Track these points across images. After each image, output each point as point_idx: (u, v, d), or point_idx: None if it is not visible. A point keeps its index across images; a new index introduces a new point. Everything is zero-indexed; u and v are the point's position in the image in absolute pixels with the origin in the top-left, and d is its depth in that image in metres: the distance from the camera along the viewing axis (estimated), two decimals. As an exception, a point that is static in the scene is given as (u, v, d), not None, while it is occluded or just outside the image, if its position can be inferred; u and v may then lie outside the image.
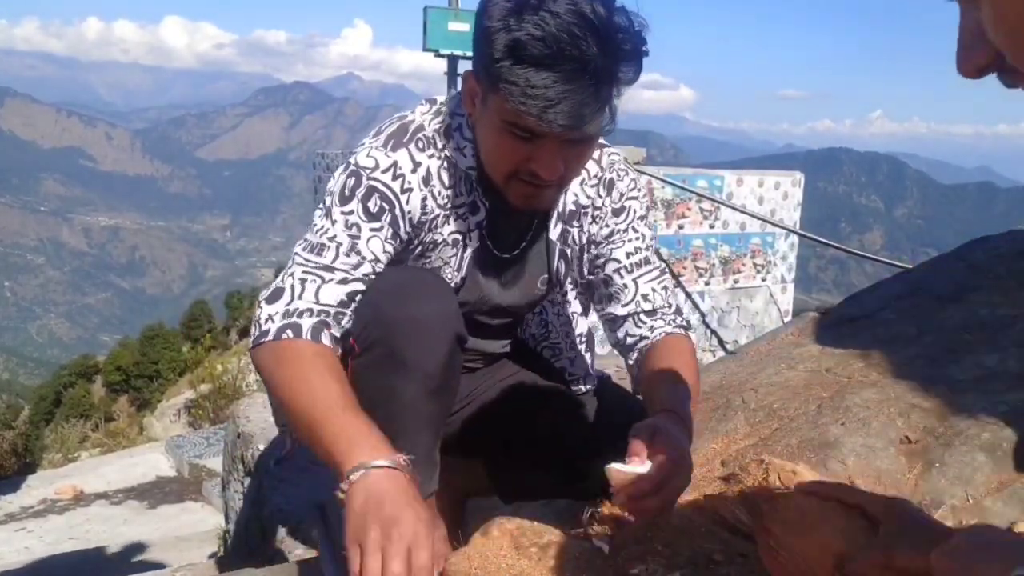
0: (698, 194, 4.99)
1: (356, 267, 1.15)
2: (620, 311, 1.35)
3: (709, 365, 2.56)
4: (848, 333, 2.06)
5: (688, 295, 5.16)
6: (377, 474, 0.93)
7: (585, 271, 1.38)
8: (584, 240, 1.34)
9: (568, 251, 1.35)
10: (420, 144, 1.22)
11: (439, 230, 1.24)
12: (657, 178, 4.86)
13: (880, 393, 1.65)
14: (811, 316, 2.34)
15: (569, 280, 1.41)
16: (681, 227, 5.04)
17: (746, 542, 1.06)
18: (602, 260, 1.35)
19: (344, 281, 1.14)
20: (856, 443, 1.49)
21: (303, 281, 1.13)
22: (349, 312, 1.15)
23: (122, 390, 31.52)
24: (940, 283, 2.15)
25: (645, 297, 1.34)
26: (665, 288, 1.37)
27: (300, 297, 1.11)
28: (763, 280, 5.48)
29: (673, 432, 1.06)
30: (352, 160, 1.21)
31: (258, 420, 2.44)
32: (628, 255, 1.34)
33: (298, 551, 1.69)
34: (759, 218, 5.24)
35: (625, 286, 1.34)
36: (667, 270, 1.37)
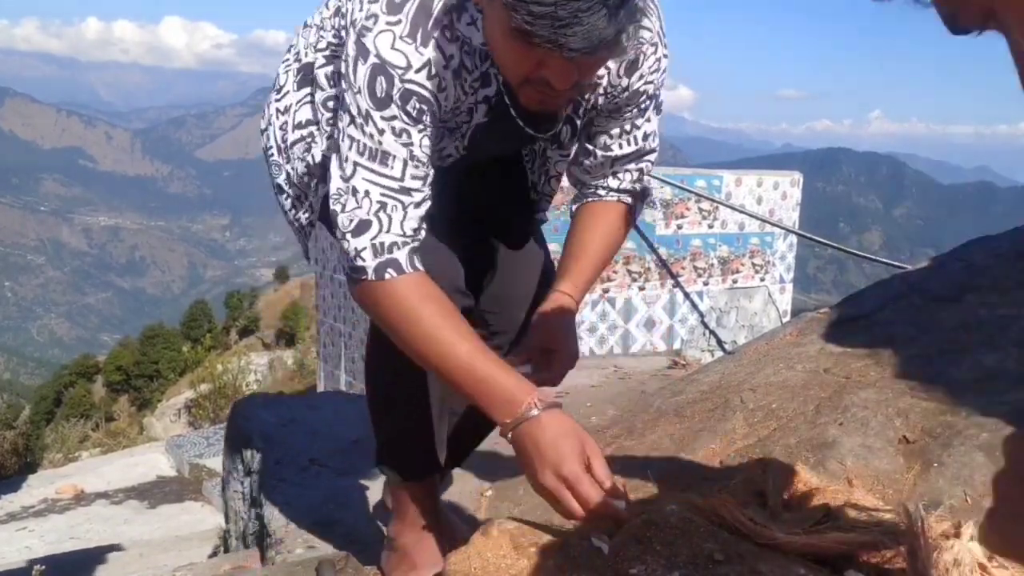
0: (697, 194, 4.99)
1: (424, 181, 1.13)
2: (588, 179, 1.38)
3: (708, 365, 2.57)
4: (847, 333, 2.06)
5: (687, 295, 5.17)
6: (537, 421, 1.04)
7: (581, 136, 1.37)
8: (589, 105, 1.31)
9: (575, 118, 1.33)
10: (447, 32, 1.12)
11: (456, 106, 1.22)
12: (656, 178, 4.87)
13: (879, 393, 1.66)
14: (810, 316, 2.35)
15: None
16: (680, 227, 5.04)
17: (746, 542, 1.06)
18: (597, 130, 1.34)
19: (420, 204, 1.13)
20: (855, 443, 1.49)
21: (383, 206, 1.10)
22: (424, 232, 1.16)
23: (122, 390, 31.54)
24: (939, 283, 2.16)
25: (616, 175, 1.36)
26: (640, 170, 1.37)
27: (388, 230, 1.10)
28: (762, 280, 5.48)
29: (554, 327, 1.26)
30: (372, 46, 1.09)
31: (258, 420, 2.44)
32: (624, 133, 1.33)
33: (298, 551, 1.69)
34: (758, 218, 5.25)
35: (605, 162, 1.35)
36: (653, 153, 1.37)
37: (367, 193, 1.10)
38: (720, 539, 1.05)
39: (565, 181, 1.48)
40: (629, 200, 1.38)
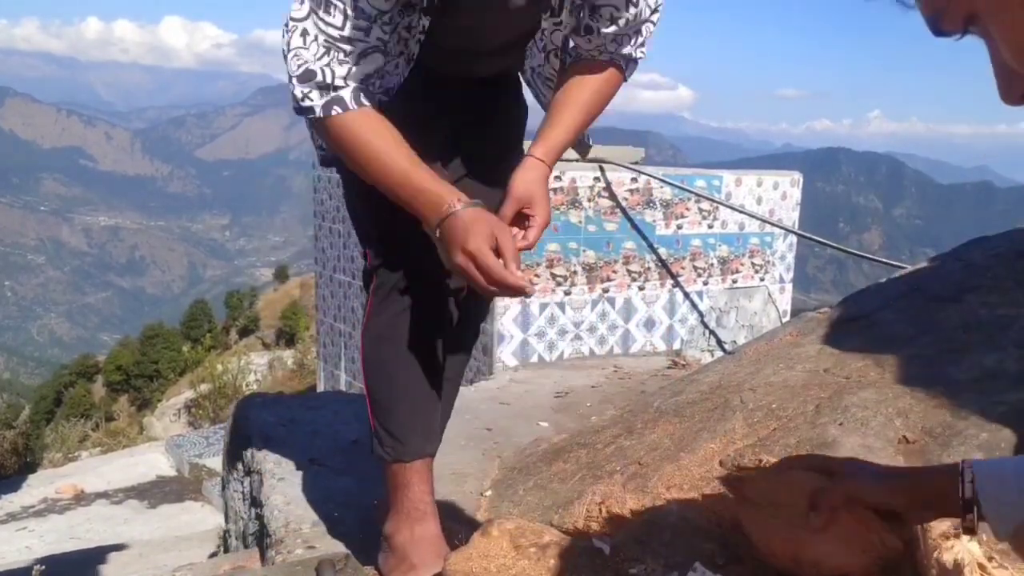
0: (697, 194, 4.99)
1: (367, 33, 1.21)
2: (581, 46, 1.38)
3: (708, 365, 2.57)
4: (846, 333, 2.06)
5: (687, 295, 5.17)
6: (456, 214, 1.17)
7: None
8: None
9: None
10: None
11: None
12: (656, 178, 4.86)
13: (878, 393, 1.66)
14: (809, 316, 2.35)
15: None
16: (680, 227, 5.05)
17: (746, 542, 1.06)
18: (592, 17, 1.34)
19: (365, 56, 1.22)
20: (854, 443, 1.49)
21: (327, 52, 1.20)
22: (377, 81, 1.28)
23: (122, 390, 31.54)
24: (938, 283, 2.16)
25: (618, 42, 1.36)
26: (642, 39, 1.37)
27: (332, 79, 1.20)
28: (761, 280, 5.48)
29: (528, 193, 1.30)
30: None
31: (258, 420, 2.44)
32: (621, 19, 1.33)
33: (298, 551, 1.69)
34: (758, 218, 5.25)
35: (606, 38, 1.35)
36: (656, 15, 1.36)
37: (315, 38, 1.20)
38: (720, 539, 1.05)
39: (563, 182, 1.49)
40: (622, 62, 1.39)
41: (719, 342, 5.27)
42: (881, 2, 0.50)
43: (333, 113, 1.21)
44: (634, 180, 4.80)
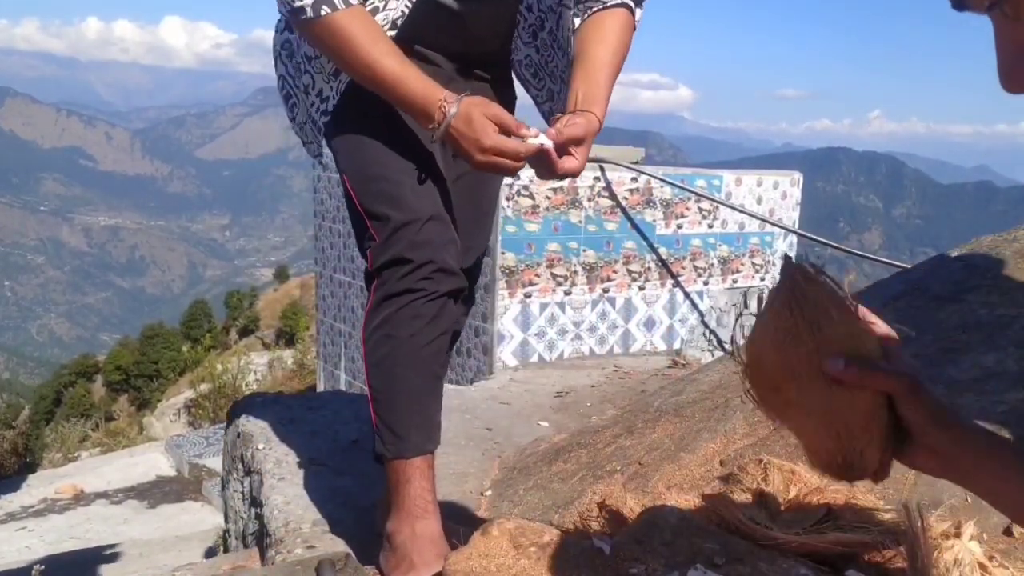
0: (697, 194, 4.99)
1: None
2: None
3: (708, 365, 2.57)
4: (847, 333, 2.06)
5: (687, 295, 5.17)
6: (455, 117, 1.22)
7: None
8: None
9: None
10: None
11: None
12: (656, 177, 4.86)
13: (879, 393, 1.65)
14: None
15: None
16: (680, 227, 5.05)
17: (746, 542, 1.06)
18: None
19: None
20: (855, 443, 1.49)
21: None
22: None
23: (122, 389, 31.55)
24: (938, 283, 2.16)
25: None
26: None
27: None
28: (762, 280, 5.49)
29: (583, 145, 1.31)
30: None
31: (258, 420, 2.44)
32: None
33: (298, 551, 1.69)
34: (758, 218, 5.25)
35: None
36: None
37: None
38: (720, 539, 1.05)
39: (563, 183, 1.50)
40: (632, 3, 1.44)
41: (719, 342, 5.27)
42: None
43: (323, 13, 1.23)
44: (634, 180, 4.80)
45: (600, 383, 3.40)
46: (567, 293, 4.69)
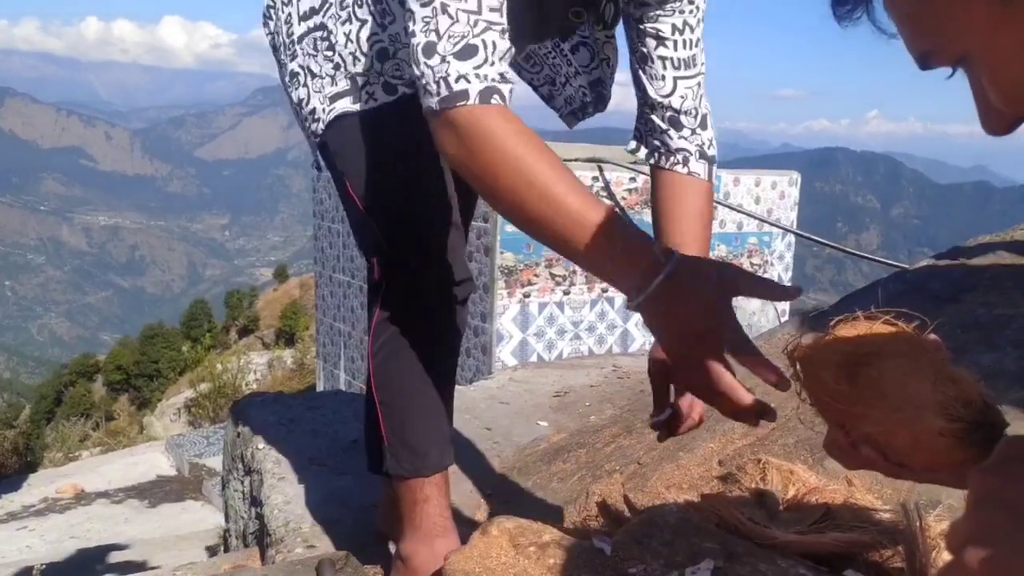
0: (697, 194, 5.00)
1: (500, 13, 0.97)
2: (650, 92, 1.31)
3: (708, 365, 2.57)
4: (846, 333, 2.06)
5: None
6: (666, 287, 0.87)
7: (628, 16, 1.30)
8: None
9: None
10: None
11: None
12: (656, 178, 4.87)
13: (877, 393, 1.66)
14: (808, 316, 2.35)
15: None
16: (680, 227, 5.06)
17: (746, 542, 1.06)
18: (645, 17, 1.27)
19: (504, 35, 0.97)
20: (853, 443, 1.49)
21: (487, 30, 0.95)
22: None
23: (122, 389, 31.57)
24: (937, 283, 2.16)
25: (679, 95, 1.31)
26: (700, 96, 1.33)
27: (493, 62, 0.94)
28: (762, 279, 5.50)
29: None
30: None
31: (258, 419, 2.44)
32: (676, 30, 1.28)
33: (298, 551, 1.69)
34: (756, 218, 5.25)
35: (663, 77, 1.30)
36: (703, 67, 1.35)
37: (468, 17, 0.95)
38: (719, 539, 1.05)
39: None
40: (704, 169, 1.33)
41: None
42: (866, 25, 0.51)
43: (493, 102, 0.93)
44: (633, 180, 4.81)
45: (599, 383, 3.40)
46: (566, 293, 4.70)
